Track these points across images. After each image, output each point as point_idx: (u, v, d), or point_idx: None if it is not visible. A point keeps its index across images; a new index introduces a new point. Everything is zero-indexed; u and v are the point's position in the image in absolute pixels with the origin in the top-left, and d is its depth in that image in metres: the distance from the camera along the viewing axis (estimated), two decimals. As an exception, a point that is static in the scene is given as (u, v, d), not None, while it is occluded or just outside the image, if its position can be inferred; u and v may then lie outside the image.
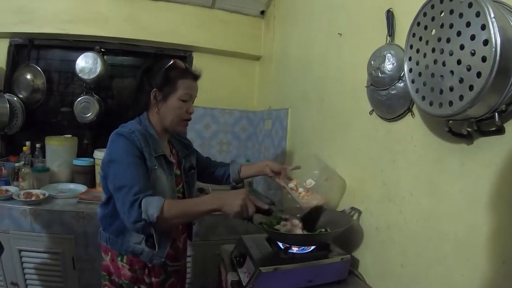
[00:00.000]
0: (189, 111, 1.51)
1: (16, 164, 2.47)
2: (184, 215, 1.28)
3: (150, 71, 1.50)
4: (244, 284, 1.35)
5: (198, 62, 3.17)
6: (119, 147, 1.35)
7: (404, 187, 1.32)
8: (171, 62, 1.49)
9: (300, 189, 1.65)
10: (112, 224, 1.43)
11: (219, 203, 1.24)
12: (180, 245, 1.64)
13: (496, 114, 0.90)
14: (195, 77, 1.54)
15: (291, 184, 1.68)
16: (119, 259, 1.45)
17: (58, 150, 2.65)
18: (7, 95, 2.72)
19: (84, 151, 2.87)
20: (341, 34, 1.82)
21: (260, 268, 1.30)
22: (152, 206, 1.19)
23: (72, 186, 2.60)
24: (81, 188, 2.53)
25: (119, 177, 1.29)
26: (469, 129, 0.98)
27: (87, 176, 2.65)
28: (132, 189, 1.24)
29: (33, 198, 2.19)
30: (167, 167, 1.48)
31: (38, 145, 2.65)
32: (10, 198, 2.19)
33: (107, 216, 1.45)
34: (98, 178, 2.58)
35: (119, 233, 1.43)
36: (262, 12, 3.20)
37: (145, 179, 1.31)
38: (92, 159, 2.64)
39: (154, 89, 1.46)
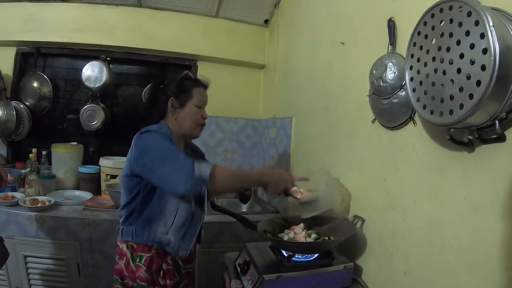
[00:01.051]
0: (204, 116, 1.63)
1: (23, 171, 2.49)
2: (233, 180, 1.43)
3: (162, 83, 1.64)
4: (247, 292, 1.35)
5: (203, 71, 3.19)
6: (150, 139, 1.44)
7: (407, 195, 1.32)
8: (185, 73, 1.66)
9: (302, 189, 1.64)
10: (140, 215, 1.46)
11: (265, 181, 1.46)
12: (193, 249, 1.66)
13: (497, 121, 0.90)
14: (206, 85, 1.68)
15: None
16: (137, 260, 1.47)
17: (64, 157, 2.68)
18: (14, 103, 2.76)
19: (89, 159, 2.89)
20: (344, 43, 1.83)
21: (263, 275, 1.31)
22: (204, 166, 1.31)
23: (77, 193, 2.62)
24: (87, 195, 2.55)
25: (159, 154, 1.38)
26: (470, 137, 0.99)
27: (92, 183, 2.67)
28: (178, 156, 1.36)
29: (39, 205, 2.20)
30: None
31: (44, 152, 2.68)
32: (16, 204, 2.21)
33: (134, 210, 1.47)
34: (103, 186, 2.61)
35: (146, 224, 1.46)
36: (266, 21, 3.22)
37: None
38: (98, 167, 2.66)
39: (171, 98, 1.56)
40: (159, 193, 1.45)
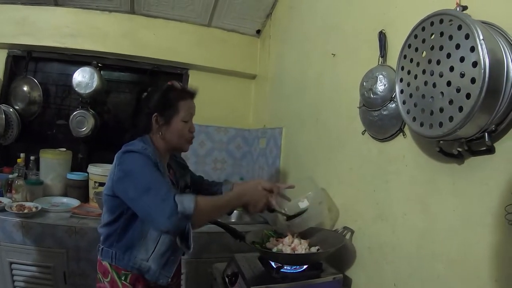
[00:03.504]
0: (191, 130, 1.54)
1: (10, 176, 2.45)
2: (215, 208, 1.35)
3: (146, 93, 1.52)
4: (235, 303, 1.34)
5: (194, 79, 3.20)
6: (134, 161, 1.34)
7: (397, 207, 1.33)
8: (168, 84, 1.51)
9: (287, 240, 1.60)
10: (121, 239, 1.41)
11: (243, 202, 1.42)
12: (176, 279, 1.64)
13: (486, 134, 0.92)
14: (193, 95, 1.57)
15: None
16: (122, 278, 1.41)
17: (53, 163, 2.65)
18: (3, 106, 2.73)
19: (78, 166, 2.86)
20: (334, 55, 1.85)
21: (251, 287, 1.30)
22: (187, 199, 1.22)
23: (65, 200, 2.58)
24: (74, 202, 2.52)
25: (141, 183, 1.28)
26: (459, 149, 1.00)
27: (80, 190, 2.63)
28: (160, 189, 1.25)
29: (25, 211, 2.17)
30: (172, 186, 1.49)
31: (32, 158, 2.64)
32: (2, 210, 2.17)
33: (115, 233, 1.41)
34: (91, 193, 2.58)
35: (127, 249, 1.40)
36: (258, 31, 3.24)
37: (168, 184, 1.33)
38: (86, 174, 2.63)
39: (155, 114, 1.46)
40: None
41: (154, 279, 1.41)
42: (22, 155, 2.61)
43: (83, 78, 2.80)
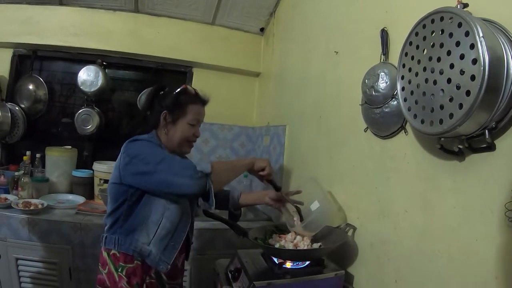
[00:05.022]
0: (196, 134, 1.61)
1: (16, 173, 2.48)
2: (228, 169, 1.52)
3: (161, 92, 1.60)
4: (238, 299, 1.35)
5: (198, 77, 3.21)
6: (140, 145, 1.44)
7: (398, 204, 1.33)
8: (183, 87, 1.58)
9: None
10: (124, 223, 1.44)
11: (252, 161, 1.60)
12: (179, 264, 1.66)
13: (487, 131, 0.92)
14: (204, 102, 1.64)
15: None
16: (119, 270, 1.44)
17: (58, 161, 2.68)
18: (9, 105, 2.76)
19: (83, 163, 2.88)
20: (337, 53, 1.85)
21: (254, 282, 1.31)
22: (202, 162, 1.36)
23: (70, 197, 2.61)
24: (80, 199, 2.54)
25: (153, 157, 1.37)
26: (460, 146, 1.00)
27: (86, 187, 2.66)
28: (174, 158, 1.39)
29: (31, 208, 2.19)
30: None
31: (38, 155, 2.67)
32: (8, 207, 2.20)
33: (119, 219, 1.45)
34: (96, 190, 2.60)
35: (129, 233, 1.44)
36: (262, 30, 3.25)
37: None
38: (91, 171, 2.66)
39: (165, 111, 1.53)
40: (145, 202, 1.43)
41: (154, 264, 1.45)
42: (28, 152, 2.63)
43: (88, 76, 2.83)
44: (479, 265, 0.97)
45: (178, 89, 1.57)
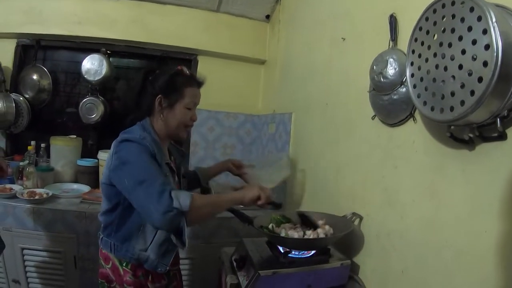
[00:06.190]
0: (193, 118, 1.52)
1: (21, 163, 2.48)
2: (211, 206, 1.31)
3: (153, 74, 1.49)
4: (243, 287, 1.34)
5: (203, 65, 3.19)
6: (131, 150, 1.32)
7: (405, 193, 1.31)
8: (178, 68, 1.49)
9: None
10: (119, 230, 1.42)
11: (241, 195, 1.40)
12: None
13: (498, 119, 0.89)
14: (200, 84, 1.55)
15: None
16: (124, 264, 1.43)
17: (63, 150, 2.67)
18: (13, 95, 2.76)
19: (88, 152, 2.88)
20: (344, 39, 1.82)
21: (259, 271, 1.30)
22: (183, 195, 1.19)
23: (75, 186, 2.61)
24: (85, 188, 2.54)
25: (137, 174, 1.25)
26: (470, 135, 0.98)
27: (90, 176, 2.66)
28: (155, 182, 1.22)
29: (36, 197, 2.19)
30: (171, 175, 1.48)
31: (43, 145, 2.66)
32: (14, 197, 2.20)
33: (113, 223, 1.42)
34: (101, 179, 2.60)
35: (125, 240, 1.41)
36: (268, 17, 3.20)
37: (165, 177, 1.30)
38: (96, 160, 2.65)
39: (160, 95, 1.44)
40: None
41: (152, 268, 1.43)
42: (32, 142, 2.62)
43: (92, 65, 2.81)
44: (487, 257, 0.95)
45: (173, 71, 1.47)
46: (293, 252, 1.43)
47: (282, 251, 1.43)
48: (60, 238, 2.16)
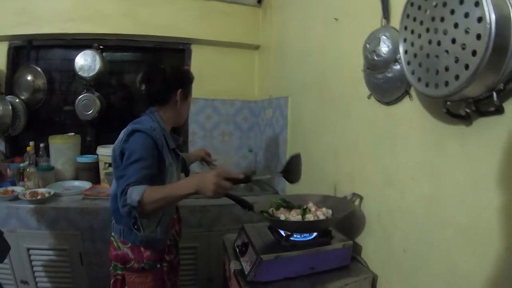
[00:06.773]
0: None
1: (21, 165, 2.48)
2: (164, 200, 1.29)
3: (176, 71, 1.65)
4: (246, 273, 1.35)
5: (197, 54, 3.17)
6: (138, 144, 1.43)
7: (404, 172, 1.30)
8: (186, 67, 1.78)
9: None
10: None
11: (195, 187, 1.25)
12: (177, 228, 1.82)
13: (494, 93, 0.87)
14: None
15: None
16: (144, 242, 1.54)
17: (62, 148, 2.68)
18: (8, 97, 2.76)
19: (87, 148, 2.89)
20: (337, 19, 1.79)
21: (261, 256, 1.30)
22: (135, 192, 1.26)
23: (76, 183, 2.62)
24: (86, 184, 2.56)
25: (138, 164, 1.38)
26: (467, 110, 0.96)
27: (91, 172, 2.68)
28: (128, 179, 1.32)
29: (38, 197, 2.21)
30: (176, 160, 1.65)
31: (42, 145, 2.67)
32: (16, 198, 2.21)
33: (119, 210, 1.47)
34: (102, 174, 2.61)
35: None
36: (259, 1, 3.18)
37: (147, 180, 1.34)
38: (96, 156, 2.66)
39: (180, 89, 1.62)
40: None
41: (161, 246, 1.60)
42: (31, 143, 2.63)
43: (85, 61, 2.80)
44: (489, 234, 0.94)
45: (185, 69, 1.75)
46: (294, 236, 1.43)
47: (284, 235, 1.43)
48: (65, 236, 2.18)
